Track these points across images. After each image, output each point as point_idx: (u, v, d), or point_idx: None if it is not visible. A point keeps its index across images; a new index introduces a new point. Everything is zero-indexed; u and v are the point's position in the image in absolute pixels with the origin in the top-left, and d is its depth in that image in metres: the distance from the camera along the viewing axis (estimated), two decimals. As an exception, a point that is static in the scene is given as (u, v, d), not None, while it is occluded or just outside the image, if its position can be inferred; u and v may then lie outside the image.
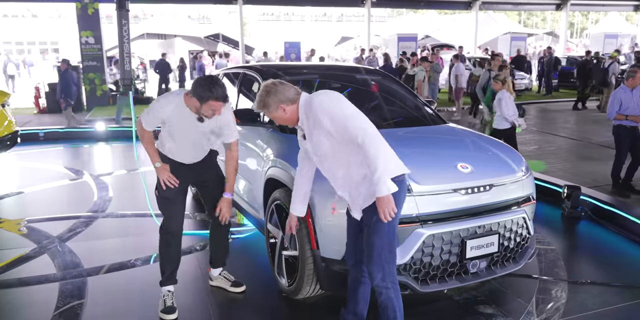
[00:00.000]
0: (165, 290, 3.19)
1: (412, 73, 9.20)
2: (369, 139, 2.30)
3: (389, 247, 2.44)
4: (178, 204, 3.20)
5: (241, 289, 3.40)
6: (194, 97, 2.83)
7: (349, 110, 2.40)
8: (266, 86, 2.51)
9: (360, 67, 5.13)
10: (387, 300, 2.49)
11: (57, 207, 5.34)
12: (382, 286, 2.46)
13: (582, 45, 34.97)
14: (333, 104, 2.40)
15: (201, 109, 2.85)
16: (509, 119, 6.13)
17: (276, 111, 2.50)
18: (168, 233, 3.19)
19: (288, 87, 2.50)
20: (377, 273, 2.45)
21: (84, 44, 13.91)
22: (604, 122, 11.03)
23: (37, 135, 9.47)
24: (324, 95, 2.45)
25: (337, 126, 2.36)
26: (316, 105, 2.40)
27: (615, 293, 3.40)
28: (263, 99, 2.49)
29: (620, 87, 5.89)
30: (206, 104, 2.81)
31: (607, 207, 4.74)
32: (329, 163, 2.51)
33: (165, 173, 3.08)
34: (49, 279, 3.62)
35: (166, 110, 2.93)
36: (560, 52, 22.33)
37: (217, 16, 44.92)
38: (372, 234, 2.43)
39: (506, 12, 34.59)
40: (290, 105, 2.49)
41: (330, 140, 2.42)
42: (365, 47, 18.98)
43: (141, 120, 3.05)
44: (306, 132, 2.53)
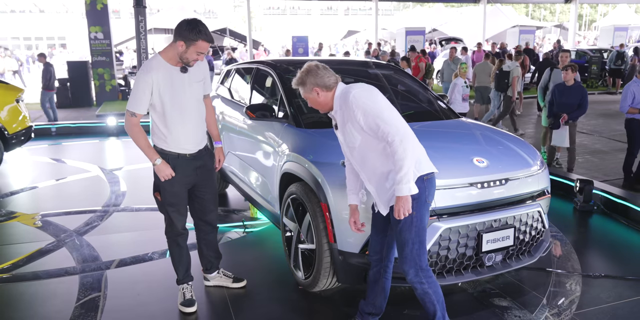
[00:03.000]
0: (183, 284, 3.23)
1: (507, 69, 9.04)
2: (399, 137, 2.31)
3: (420, 243, 2.47)
4: (182, 207, 3.11)
5: (242, 283, 3.38)
6: (180, 41, 2.74)
7: (383, 107, 2.41)
8: (309, 66, 2.55)
9: (371, 61, 5.14)
10: (424, 294, 2.53)
11: (71, 201, 5.41)
12: (416, 281, 2.50)
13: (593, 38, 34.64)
14: (368, 100, 2.41)
15: (187, 52, 2.76)
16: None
17: (310, 92, 2.54)
18: (175, 235, 3.14)
19: (329, 74, 2.53)
20: (410, 269, 2.48)
21: (93, 39, 13.95)
22: (614, 115, 10.98)
23: (49, 130, 9.57)
24: (361, 89, 2.46)
25: (369, 122, 2.38)
26: (351, 98, 2.41)
27: (629, 286, 3.41)
28: (302, 76, 2.54)
29: (633, 80, 5.87)
30: (194, 45, 2.74)
31: (620, 200, 4.75)
32: (359, 155, 2.53)
33: (166, 170, 2.91)
34: (69, 271, 3.69)
35: (151, 73, 2.79)
36: (570, 45, 22.16)
37: (223, 10, 44.86)
38: (403, 231, 2.46)
39: (514, 5, 34.30)
40: (326, 92, 2.53)
41: (362, 135, 2.44)
42: (372, 41, 18.91)
43: (128, 109, 2.86)
44: (339, 123, 2.55)
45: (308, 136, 3.48)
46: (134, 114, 2.86)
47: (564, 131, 6.20)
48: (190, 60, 2.82)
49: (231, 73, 5.45)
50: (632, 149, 5.90)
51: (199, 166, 3.08)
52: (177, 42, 2.78)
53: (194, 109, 2.99)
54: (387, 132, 2.33)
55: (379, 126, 2.36)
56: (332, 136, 3.38)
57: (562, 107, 6.20)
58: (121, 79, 15.37)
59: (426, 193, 2.45)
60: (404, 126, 2.37)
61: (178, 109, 2.91)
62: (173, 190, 3.01)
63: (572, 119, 6.15)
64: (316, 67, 2.54)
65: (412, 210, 2.39)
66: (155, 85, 2.83)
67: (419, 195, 2.42)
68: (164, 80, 2.84)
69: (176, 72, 2.88)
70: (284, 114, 3.85)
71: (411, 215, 2.40)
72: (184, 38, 2.75)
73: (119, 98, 14.42)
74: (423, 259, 2.49)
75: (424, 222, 2.48)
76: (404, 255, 2.49)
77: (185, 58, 2.81)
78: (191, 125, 2.98)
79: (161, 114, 2.90)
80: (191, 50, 2.78)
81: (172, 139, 2.95)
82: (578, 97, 6.12)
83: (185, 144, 2.99)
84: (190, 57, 2.80)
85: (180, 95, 2.90)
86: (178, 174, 2.98)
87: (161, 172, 2.93)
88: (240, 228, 4.54)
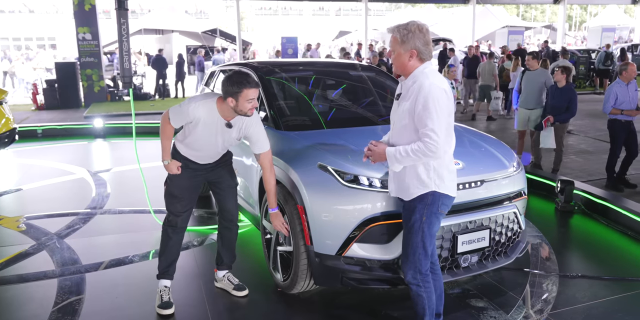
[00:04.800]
0: (162, 286, 3.24)
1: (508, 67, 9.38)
2: (427, 141, 2.33)
3: (424, 249, 2.51)
4: (185, 202, 3.20)
5: (244, 293, 3.35)
6: (229, 97, 2.85)
7: (442, 111, 2.37)
8: (421, 25, 2.43)
9: (355, 63, 5.16)
10: (417, 297, 2.58)
11: (55, 204, 5.38)
12: (412, 283, 2.56)
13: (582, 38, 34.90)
14: (436, 96, 2.36)
15: (239, 106, 2.85)
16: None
17: (406, 51, 2.44)
18: (170, 226, 3.23)
19: (431, 48, 2.47)
20: (409, 270, 2.54)
21: (81, 40, 13.88)
22: (601, 115, 11.07)
23: (35, 132, 9.50)
24: (439, 83, 2.41)
25: (420, 115, 2.37)
26: (427, 86, 2.38)
27: (605, 286, 3.45)
28: (410, 32, 2.41)
29: (616, 82, 5.93)
30: (242, 94, 2.82)
31: (600, 201, 4.80)
32: (395, 131, 2.57)
33: (174, 169, 3.11)
34: (48, 275, 3.67)
35: (199, 112, 2.92)
36: (559, 45, 22.30)
37: (214, 11, 44.76)
38: (409, 233, 2.51)
39: (504, 6, 34.48)
40: (417, 61, 2.45)
41: (409, 117, 2.44)
42: (363, 42, 18.95)
43: (169, 114, 3.03)
44: (402, 95, 2.52)
45: (287, 138, 3.49)
46: (170, 123, 3.05)
47: (549, 133, 6.24)
48: (246, 110, 2.89)
49: (215, 74, 5.45)
50: (614, 149, 5.96)
51: (212, 168, 3.23)
52: (228, 99, 2.87)
53: (220, 151, 3.18)
54: (424, 133, 2.35)
55: (424, 123, 2.35)
56: (310, 139, 3.42)
57: (551, 109, 6.24)
58: (110, 80, 15.30)
59: (439, 203, 2.49)
60: (441, 137, 2.34)
61: (206, 147, 3.09)
62: (180, 183, 3.16)
63: (558, 121, 6.20)
64: (427, 31, 2.45)
65: (422, 216, 2.47)
66: (195, 122, 2.97)
67: (431, 204, 2.47)
68: (205, 124, 2.96)
69: (221, 124, 2.99)
70: (264, 116, 3.86)
71: (421, 220, 2.47)
72: (230, 94, 2.85)
73: (108, 99, 14.37)
74: (424, 263, 2.54)
75: (433, 230, 2.53)
76: (406, 256, 2.55)
77: (240, 110, 2.89)
78: (210, 157, 3.19)
79: (190, 136, 3.06)
80: (241, 102, 2.85)
81: (189, 153, 3.15)
82: (566, 99, 6.17)
83: (199, 160, 3.18)
84: (244, 108, 2.87)
85: (213, 142, 3.05)
86: (188, 171, 3.16)
87: (169, 170, 3.14)
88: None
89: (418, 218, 2.48)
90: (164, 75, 15.13)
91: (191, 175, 3.18)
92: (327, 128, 3.67)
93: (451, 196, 2.55)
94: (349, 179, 2.92)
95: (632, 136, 5.92)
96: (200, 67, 15.91)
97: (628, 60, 6.29)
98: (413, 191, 2.49)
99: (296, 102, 4.18)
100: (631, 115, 5.80)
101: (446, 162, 2.50)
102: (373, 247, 2.87)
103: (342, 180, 2.91)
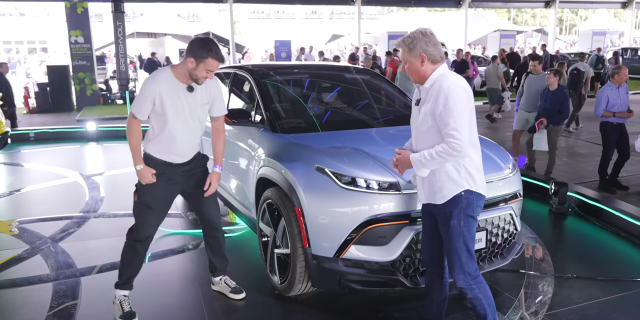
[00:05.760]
0: (120, 295, 3.12)
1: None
2: (450, 141, 2.32)
3: (468, 251, 2.50)
4: (157, 213, 3.05)
5: (241, 295, 3.32)
6: (190, 57, 2.77)
7: (463, 109, 2.36)
8: (424, 30, 2.45)
9: (350, 66, 5.18)
10: (475, 299, 2.56)
11: (48, 208, 5.34)
12: (466, 287, 2.53)
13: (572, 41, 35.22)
14: (456, 95, 2.35)
15: (196, 70, 2.79)
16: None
17: (416, 58, 2.44)
18: (138, 241, 3.05)
19: (440, 48, 2.46)
20: (459, 275, 2.51)
21: (73, 43, 13.84)
22: (593, 118, 11.16)
23: (28, 135, 9.44)
24: (458, 82, 2.40)
25: (442, 114, 2.35)
26: (446, 86, 2.36)
27: (600, 287, 3.48)
28: (415, 38, 2.43)
29: (607, 85, 5.99)
30: (204, 62, 2.77)
31: (593, 202, 4.84)
32: (418, 137, 2.55)
33: (148, 176, 2.93)
34: (43, 279, 3.64)
35: (157, 85, 2.83)
36: (550, 49, 22.49)
37: (207, 14, 44.75)
38: (450, 240, 2.49)
39: (496, 9, 34.77)
40: (431, 64, 2.45)
41: (431, 120, 2.42)
42: (357, 45, 19.01)
43: (132, 110, 2.92)
44: (422, 100, 2.51)
45: (283, 141, 3.49)
46: (135, 116, 2.92)
47: (542, 135, 6.29)
48: (199, 78, 2.84)
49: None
50: (606, 151, 6.02)
51: (186, 170, 3.08)
52: (188, 59, 2.81)
53: (190, 128, 3.00)
54: (447, 133, 2.33)
55: (447, 124, 2.34)
56: (307, 141, 3.42)
57: (544, 112, 6.29)
58: (102, 84, 15.24)
59: (474, 205, 2.49)
60: (465, 137, 2.33)
61: (175, 124, 2.93)
62: (153, 192, 2.99)
63: (551, 123, 6.24)
64: (431, 34, 2.45)
65: (460, 220, 2.46)
66: (158, 97, 2.85)
67: (466, 207, 2.46)
68: (168, 94, 2.87)
69: (182, 89, 2.90)
70: (260, 119, 3.86)
71: (459, 225, 2.46)
72: (194, 55, 2.79)
73: (100, 103, 14.31)
74: (471, 265, 2.52)
75: (472, 231, 2.52)
76: (452, 263, 2.52)
77: (195, 75, 2.84)
78: (184, 142, 3.00)
79: (159, 124, 2.94)
80: (200, 68, 2.80)
81: (163, 150, 2.99)
82: (558, 102, 6.22)
83: (174, 156, 3.02)
84: (200, 74, 2.82)
85: (180, 113, 2.92)
86: (163, 179, 2.99)
87: (143, 178, 2.96)
88: (219, 233, 4.52)
89: (456, 223, 2.46)
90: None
91: (168, 184, 3.02)
92: (323, 131, 3.68)
93: (483, 195, 2.54)
94: (346, 181, 2.92)
95: (623, 138, 5.98)
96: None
97: (620, 64, 6.38)
98: (446, 193, 2.45)
99: (293, 105, 4.19)
100: (623, 118, 5.87)
101: (475, 162, 2.48)
102: (371, 249, 2.87)
103: (340, 183, 2.92)
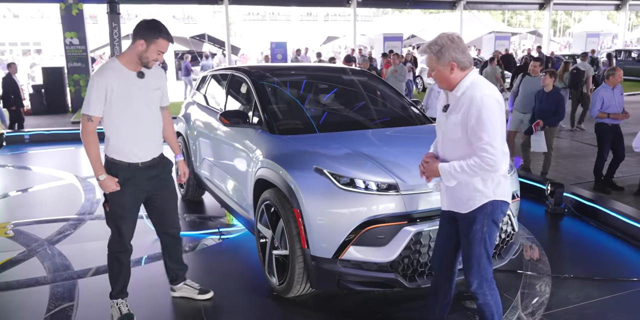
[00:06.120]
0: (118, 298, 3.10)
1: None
2: (483, 156, 2.27)
3: (488, 257, 2.49)
4: (130, 221, 2.99)
5: (209, 295, 3.29)
6: (139, 40, 2.72)
7: (497, 122, 2.29)
8: (452, 36, 2.36)
9: (346, 68, 5.19)
10: (485, 305, 2.55)
11: (44, 210, 5.32)
12: (479, 292, 2.52)
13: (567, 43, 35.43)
14: (491, 109, 2.28)
15: (147, 52, 2.73)
16: None
17: (445, 66, 2.35)
18: (120, 251, 3.01)
19: (468, 53, 2.39)
20: (475, 280, 2.49)
21: (68, 45, 13.78)
22: (587, 119, 11.22)
23: (23, 137, 9.39)
24: (491, 93, 2.32)
25: (474, 128, 2.29)
26: (479, 98, 2.29)
27: (596, 287, 3.50)
28: (443, 45, 2.34)
29: (602, 86, 6.03)
30: (155, 43, 2.72)
31: (589, 203, 4.86)
32: (446, 145, 2.49)
33: (112, 185, 2.84)
34: (40, 281, 3.62)
35: (105, 78, 2.72)
36: (544, 51, 22.61)
37: (202, 16, 44.70)
38: (471, 244, 2.46)
39: (490, 11, 34.93)
40: (460, 71, 2.37)
41: (461, 130, 2.36)
42: (353, 47, 19.05)
43: (84, 113, 2.77)
44: (450, 107, 2.44)
45: (282, 142, 3.49)
46: (90, 118, 2.77)
47: (540, 137, 6.32)
48: (150, 60, 2.78)
49: (207, 79, 5.45)
50: (601, 152, 6.05)
51: (153, 176, 2.99)
52: (137, 42, 2.74)
53: (148, 116, 2.91)
54: (479, 146, 2.28)
55: (479, 137, 2.28)
56: (305, 142, 3.42)
57: (540, 113, 6.32)
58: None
59: (498, 212, 2.46)
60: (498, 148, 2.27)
61: (131, 114, 2.83)
62: (122, 201, 2.90)
63: (548, 124, 6.27)
64: (459, 39, 2.36)
65: (483, 226, 2.43)
66: (110, 88, 2.74)
67: (491, 213, 2.44)
68: (119, 84, 2.77)
69: (133, 77, 2.82)
70: (258, 120, 3.86)
71: (482, 230, 2.43)
72: (143, 36, 2.73)
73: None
74: (489, 271, 2.51)
75: (493, 238, 2.50)
76: (470, 267, 2.49)
77: (146, 57, 2.76)
78: (144, 132, 2.91)
79: (114, 118, 2.82)
80: (152, 49, 2.74)
81: (123, 146, 2.86)
82: (554, 103, 6.26)
83: (137, 152, 2.90)
84: (151, 56, 2.76)
85: (134, 101, 2.83)
86: (129, 186, 2.90)
87: (107, 188, 2.85)
88: (216, 235, 4.52)
89: (479, 228, 2.43)
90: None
91: (135, 190, 2.93)
92: (321, 132, 3.68)
93: (508, 202, 2.51)
94: (345, 182, 2.93)
95: (618, 139, 6.02)
96: (187, 73, 15.84)
97: (614, 65, 6.44)
98: (472, 203, 2.42)
99: (290, 107, 4.20)
100: (618, 119, 5.91)
101: (504, 170, 2.40)
102: (370, 249, 2.88)
103: (338, 184, 2.92)
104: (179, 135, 5.53)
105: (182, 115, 5.55)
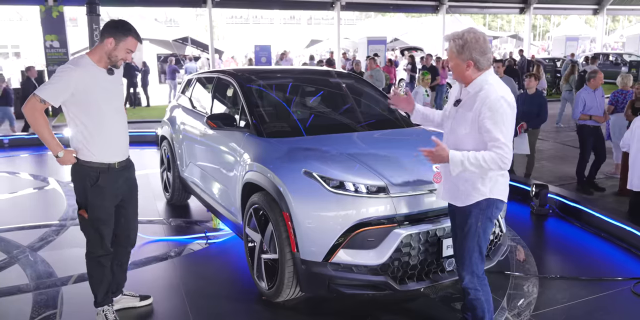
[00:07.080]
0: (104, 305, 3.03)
1: None
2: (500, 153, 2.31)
3: (480, 252, 2.53)
4: (111, 223, 2.93)
5: (149, 301, 3.24)
6: (109, 38, 2.69)
7: (510, 124, 2.36)
8: (478, 34, 2.38)
9: (332, 70, 5.19)
10: (475, 301, 2.58)
11: (25, 216, 5.20)
12: (470, 287, 2.56)
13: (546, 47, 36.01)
14: (504, 110, 2.34)
15: (116, 50, 2.71)
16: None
17: (462, 62, 2.41)
18: (103, 255, 2.93)
19: (489, 56, 2.42)
20: (466, 275, 2.55)
21: (48, 48, 13.57)
22: (568, 121, 11.41)
23: (2, 142, 9.19)
24: (505, 95, 2.37)
25: (489, 129, 2.34)
26: (493, 99, 2.33)
27: (583, 286, 3.54)
28: (466, 43, 2.37)
29: (584, 88, 6.14)
30: (124, 42, 2.71)
31: (573, 204, 4.93)
32: (454, 138, 2.52)
33: (71, 159, 2.78)
34: (22, 289, 3.54)
35: (77, 72, 2.66)
36: (525, 54, 22.94)
37: (185, 19, 44.44)
38: (465, 238, 2.51)
39: (472, 15, 35.39)
40: (475, 70, 2.42)
41: (471, 126, 2.41)
42: (334, 50, 19.10)
43: (39, 94, 2.64)
44: (462, 102, 2.47)
45: (269, 145, 3.47)
46: (43, 101, 2.65)
47: (523, 139, 6.38)
48: (119, 59, 2.76)
49: (192, 82, 5.40)
50: (584, 154, 6.15)
51: (127, 177, 3.00)
52: (106, 40, 2.72)
53: (122, 113, 2.92)
54: (500, 148, 2.31)
55: (489, 133, 2.33)
56: (293, 145, 3.41)
57: (523, 115, 6.40)
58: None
59: (493, 207, 2.50)
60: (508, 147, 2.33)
61: (105, 111, 2.79)
62: (104, 204, 2.84)
63: (531, 127, 6.35)
64: (484, 40, 2.39)
65: (478, 221, 2.48)
66: (81, 85, 2.68)
67: (486, 208, 2.48)
68: (92, 81, 2.72)
69: (102, 74, 2.79)
70: (245, 124, 3.83)
71: (476, 225, 2.48)
72: (112, 35, 2.71)
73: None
74: (480, 267, 2.55)
75: (487, 234, 2.54)
76: (462, 261, 2.56)
77: (115, 56, 2.74)
78: (120, 130, 2.90)
79: (86, 117, 2.75)
80: (121, 47, 2.73)
81: (99, 146, 2.79)
82: (537, 105, 6.33)
83: (114, 150, 2.86)
84: (120, 54, 2.75)
85: (107, 98, 2.80)
86: (109, 188, 2.86)
87: (66, 162, 2.79)
88: (203, 239, 4.47)
89: (474, 222, 2.49)
90: (135, 83, 14.89)
91: (113, 192, 2.88)
92: (309, 135, 3.67)
93: (504, 201, 2.56)
94: (334, 185, 2.92)
95: (600, 141, 6.13)
96: (172, 76, 15.72)
97: (595, 68, 6.57)
98: (468, 199, 2.49)
99: (277, 110, 4.18)
100: (599, 122, 6.01)
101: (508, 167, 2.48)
102: (360, 253, 2.87)
103: (328, 187, 2.91)
104: (164, 139, 5.47)
105: (166, 119, 5.49)
